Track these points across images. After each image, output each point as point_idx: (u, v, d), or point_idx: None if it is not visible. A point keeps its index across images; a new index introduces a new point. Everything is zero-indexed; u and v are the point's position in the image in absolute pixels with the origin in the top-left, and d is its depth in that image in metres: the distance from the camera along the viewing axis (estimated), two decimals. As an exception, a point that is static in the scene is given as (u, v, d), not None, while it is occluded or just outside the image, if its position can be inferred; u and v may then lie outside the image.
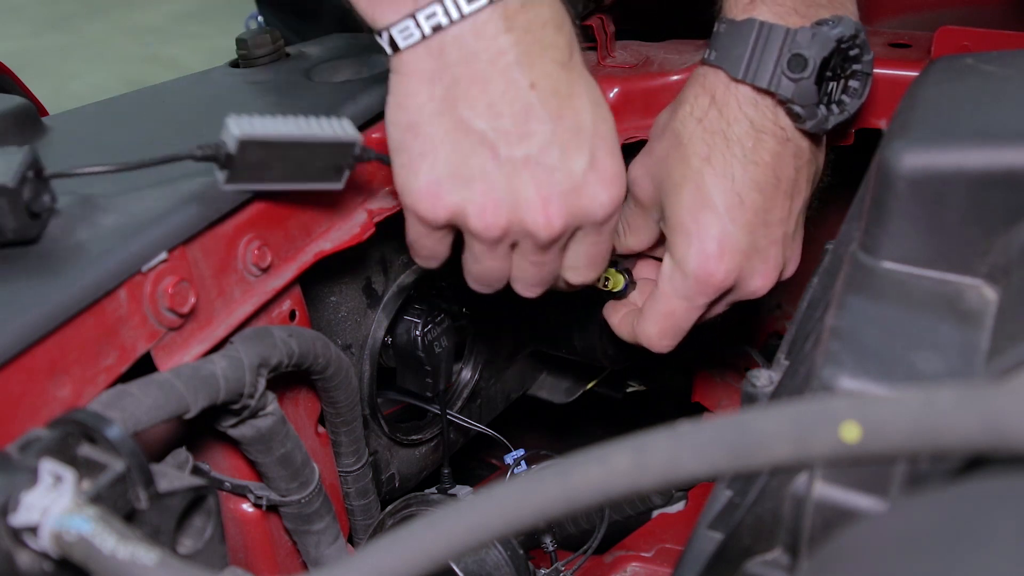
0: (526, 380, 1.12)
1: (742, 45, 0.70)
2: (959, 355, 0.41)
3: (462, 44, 0.61)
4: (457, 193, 0.64)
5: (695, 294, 0.75)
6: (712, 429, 0.32)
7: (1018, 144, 0.45)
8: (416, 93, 0.63)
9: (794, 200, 0.75)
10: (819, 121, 0.71)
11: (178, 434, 0.63)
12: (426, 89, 0.63)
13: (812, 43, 0.68)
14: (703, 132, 0.73)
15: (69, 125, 0.75)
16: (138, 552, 0.39)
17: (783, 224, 0.75)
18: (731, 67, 0.71)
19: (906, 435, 0.30)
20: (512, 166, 0.63)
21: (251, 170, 0.61)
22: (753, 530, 0.45)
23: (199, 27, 4.11)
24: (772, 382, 0.55)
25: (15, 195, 0.53)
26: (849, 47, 0.70)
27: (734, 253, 0.73)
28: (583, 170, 0.64)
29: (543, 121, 0.62)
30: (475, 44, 0.61)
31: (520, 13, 0.61)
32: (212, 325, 0.62)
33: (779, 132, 0.72)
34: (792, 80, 0.69)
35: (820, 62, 0.68)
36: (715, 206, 0.73)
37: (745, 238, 0.73)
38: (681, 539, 0.98)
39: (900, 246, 0.47)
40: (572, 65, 0.64)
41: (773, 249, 0.75)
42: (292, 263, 0.69)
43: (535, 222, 0.64)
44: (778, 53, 0.69)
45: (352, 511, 0.80)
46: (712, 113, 0.73)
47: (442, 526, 0.34)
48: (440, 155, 0.63)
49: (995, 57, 0.58)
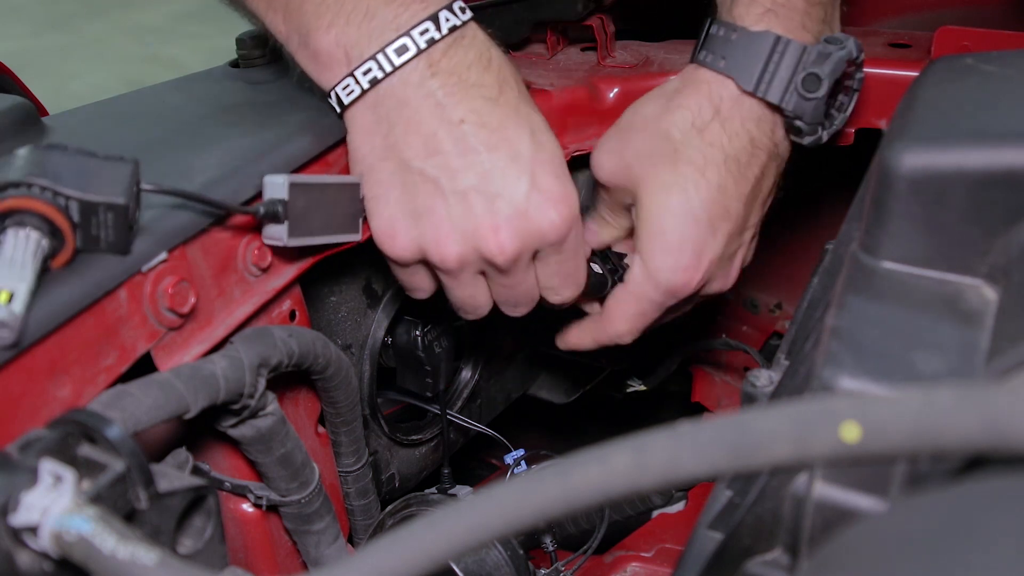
0: (526, 380, 1.12)
1: (756, 57, 0.70)
2: (959, 355, 0.41)
3: (394, 93, 0.66)
4: (411, 230, 0.68)
5: (665, 299, 0.77)
6: (712, 429, 0.32)
7: (1018, 144, 0.45)
8: (363, 144, 0.68)
9: (764, 208, 0.78)
10: (817, 138, 0.72)
11: (178, 434, 0.63)
12: (369, 139, 0.68)
13: (826, 63, 0.69)
14: (702, 143, 0.73)
15: (69, 125, 0.75)
16: (138, 552, 0.39)
17: (753, 229, 0.77)
18: (743, 79, 0.71)
19: (906, 435, 0.30)
20: (457, 198, 0.66)
21: (301, 220, 0.64)
22: (753, 530, 0.45)
23: (199, 27, 4.11)
24: (772, 382, 0.55)
25: (125, 211, 0.53)
26: (854, 67, 0.71)
27: (710, 263, 0.75)
28: (525, 193, 0.67)
29: (478, 152, 0.66)
30: (404, 91, 0.66)
31: (444, 59, 0.66)
32: (212, 325, 0.62)
33: (772, 148, 0.73)
34: (805, 99, 0.69)
35: (834, 82, 0.69)
36: (701, 219, 0.73)
37: (722, 249, 0.75)
38: (681, 539, 0.98)
39: (900, 246, 0.47)
40: (503, 100, 0.67)
41: (739, 254, 0.78)
42: (292, 263, 0.69)
43: (489, 249, 0.67)
44: (792, 70, 0.70)
45: (352, 511, 0.80)
46: (714, 126, 0.73)
47: (442, 526, 0.34)
48: (391, 196, 0.68)
49: (995, 57, 0.58)
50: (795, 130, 0.72)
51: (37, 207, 0.50)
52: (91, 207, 0.52)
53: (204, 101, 0.79)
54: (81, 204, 0.52)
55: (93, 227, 0.52)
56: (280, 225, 0.63)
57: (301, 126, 0.71)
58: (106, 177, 0.53)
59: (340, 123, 0.70)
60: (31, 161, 0.52)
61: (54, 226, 0.51)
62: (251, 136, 0.69)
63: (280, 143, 0.69)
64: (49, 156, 0.53)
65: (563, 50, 0.96)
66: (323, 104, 0.71)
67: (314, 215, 0.66)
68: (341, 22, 0.65)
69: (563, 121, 0.85)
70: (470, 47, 0.67)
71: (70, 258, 0.52)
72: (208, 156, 0.67)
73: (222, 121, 0.73)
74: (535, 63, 0.94)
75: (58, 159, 0.52)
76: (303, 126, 0.71)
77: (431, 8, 0.65)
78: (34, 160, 0.52)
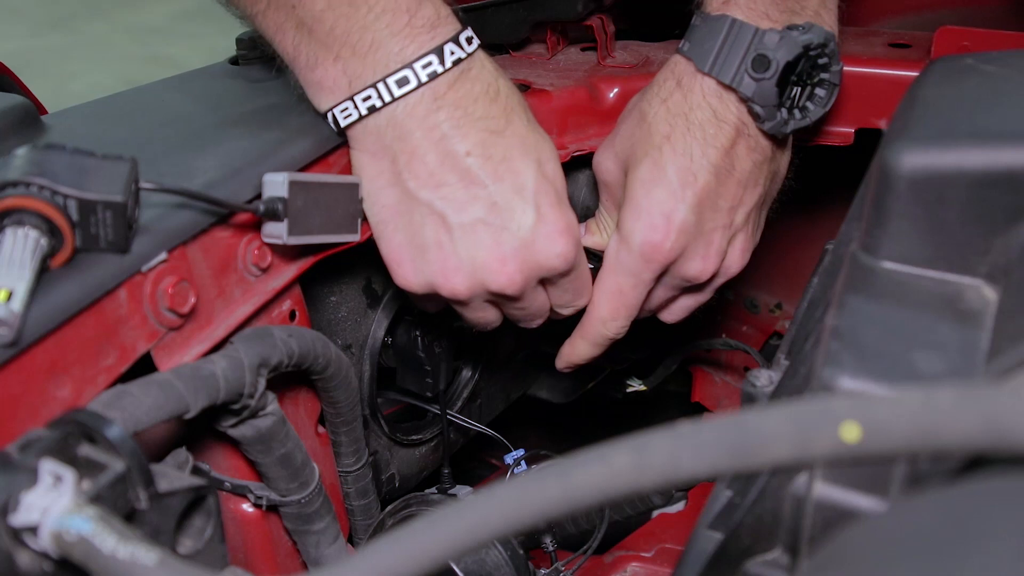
0: (526, 380, 1.12)
1: (712, 40, 0.72)
2: (959, 355, 0.41)
3: (396, 123, 0.66)
4: (418, 262, 0.69)
5: (641, 268, 0.76)
6: (712, 429, 0.32)
7: (1018, 144, 0.45)
8: (367, 166, 0.69)
9: (747, 191, 0.76)
10: (777, 123, 0.72)
11: (178, 434, 0.63)
12: (374, 163, 0.69)
13: (779, 46, 0.69)
14: (667, 113, 0.74)
15: (68, 123, 0.75)
16: (138, 552, 0.39)
17: (731, 212, 0.77)
18: (699, 60, 0.73)
19: (906, 435, 0.30)
20: (463, 231, 0.67)
21: (300, 218, 0.64)
22: (753, 530, 0.45)
23: (199, 27, 4.11)
24: (772, 382, 0.55)
25: (123, 209, 0.53)
26: (818, 55, 0.71)
27: (680, 229, 0.74)
28: (531, 225, 0.68)
29: (484, 185, 0.67)
30: (408, 123, 0.66)
31: (450, 92, 0.66)
32: (212, 325, 0.62)
33: (741, 126, 0.74)
34: (754, 79, 0.70)
35: (784, 65, 0.70)
36: (669, 181, 0.74)
37: (692, 216, 0.75)
38: (681, 539, 0.98)
39: (900, 246, 0.47)
40: (509, 131, 0.68)
41: (717, 234, 0.77)
42: (292, 263, 0.69)
43: (497, 282, 0.68)
44: (744, 51, 0.71)
45: (352, 511, 0.80)
46: (676, 96, 0.74)
47: (442, 526, 0.34)
48: (399, 224, 0.69)
49: (995, 57, 0.58)
50: (753, 114, 0.72)
51: (35, 206, 0.50)
52: (90, 205, 0.52)
53: (204, 100, 0.79)
54: (79, 203, 0.52)
55: (92, 226, 0.52)
56: (280, 223, 0.63)
57: (302, 127, 0.71)
58: (104, 176, 0.53)
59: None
60: (29, 160, 0.52)
61: (53, 225, 0.51)
62: (251, 137, 0.69)
63: (281, 144, 0.69)
64: (47, 155, 0.53)
65: (563, 50, 0.96)
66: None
67: (313, 214, 0.66)
68: (347, 53, 0.65)
69: (563, 121, 0.85)
70: (476, 79, 0.68)
71: (69, 257, 0.52)
72: (208, 156, 0.67)
73: (222, 121, 0.73)
74: (535, 63, 0.94)
75: (56, 158, 0.53)
76: (304, 127, 0.71)
77: (437, 40, 0.66)
78: (32, 159, 0.52)
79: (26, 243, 0.50)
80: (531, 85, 0.86)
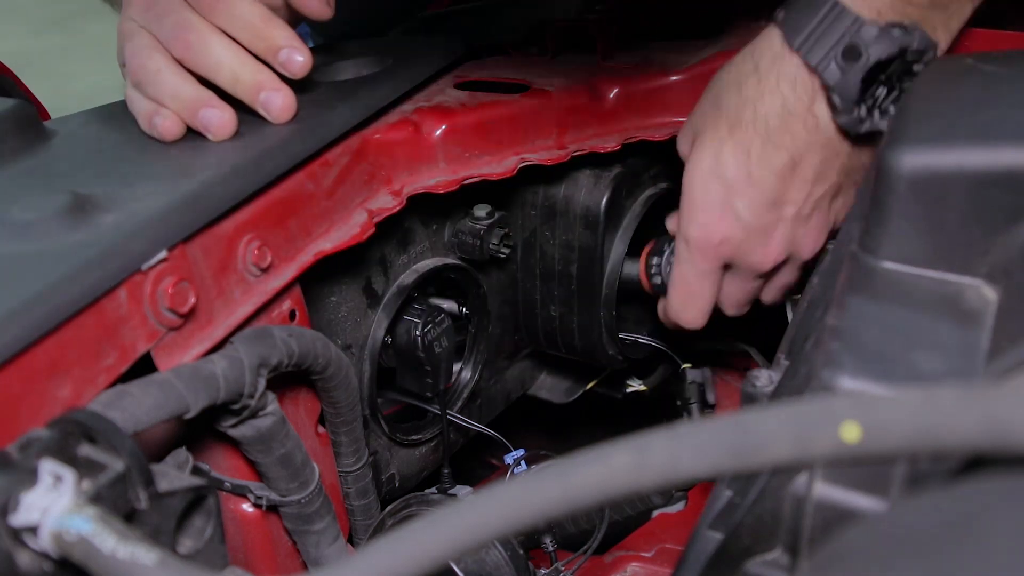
0: (526, 380, 1.12)
1: (809, 16, 0.68)
2: (959, 355, 0.41)
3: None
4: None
5: (698, 259, 0.78)
6: (712, 429, 0.32)
7: (1018, 144, 0.45)
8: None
9: (814, 185, 0.74)
10: (853, 120, 0.69)
11: (178, 434, 0.63)
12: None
13: (876, 40, 0.66)
14: (738, 98, 0.73)
15: (72, 129, 0.75)
16: (138, 552, 0.39)
17: (795, 205, 0.75)
18: (791, 33, 0.69)
19: (906, 435, 0.30)
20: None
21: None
22: (753, 530, 0.45)
23: (199, 27, 4.10)
24: (772, 382, 0.55)
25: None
26: (915, 60, 0.67)
27: (732, 226, 0.75)
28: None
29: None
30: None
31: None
32: (212, 325, 0.62)
33: (810, 120, 0.71)
34: (840, 69, 0.67)
35: (875, 62, 0.66)
36: (725, 177, 0.74)
37: (746, 214, 0.74)
38: (681, 539, 0.98)
39: (900, 246, 0.47)
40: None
41: (779, 229, 0.76)
42: (292, 263, 0.69)
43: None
44: (839, 37, 0.67)
45: (352, 511, 0.80)
46: (752, 80, 0.72)
47: (442, 526, 0.34)
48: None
49: (995, 57, 0.58)
50: (831, 104, 0.69)
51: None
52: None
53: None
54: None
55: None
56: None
57: (302, 127, 0.71)
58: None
59: (337, 121, 0.71)
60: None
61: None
62: (251, 135, 0.70)
63: (282, 143, 0.69)
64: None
65: (563, 50, 0.96)
66: (323, 101, 0.72)
67: None
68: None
69: (563, 121, 0.85)
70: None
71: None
72: (209, 155, 0.67)
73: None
74: (535, 63, 0.94)
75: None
76: (304, 128, 0.71)
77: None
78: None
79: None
80: (531, 85, 0.86)
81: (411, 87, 0.85)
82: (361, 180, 0.76)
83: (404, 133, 0.79)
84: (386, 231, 0.83)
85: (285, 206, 0.68)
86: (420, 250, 0.89)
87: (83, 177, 0.65)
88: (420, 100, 0.84)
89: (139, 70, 0.70)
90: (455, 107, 0.82)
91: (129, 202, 0.60)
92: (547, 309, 0.98)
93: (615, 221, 0.92)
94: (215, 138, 0.69)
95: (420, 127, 0.80)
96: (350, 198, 0.75)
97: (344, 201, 0.74)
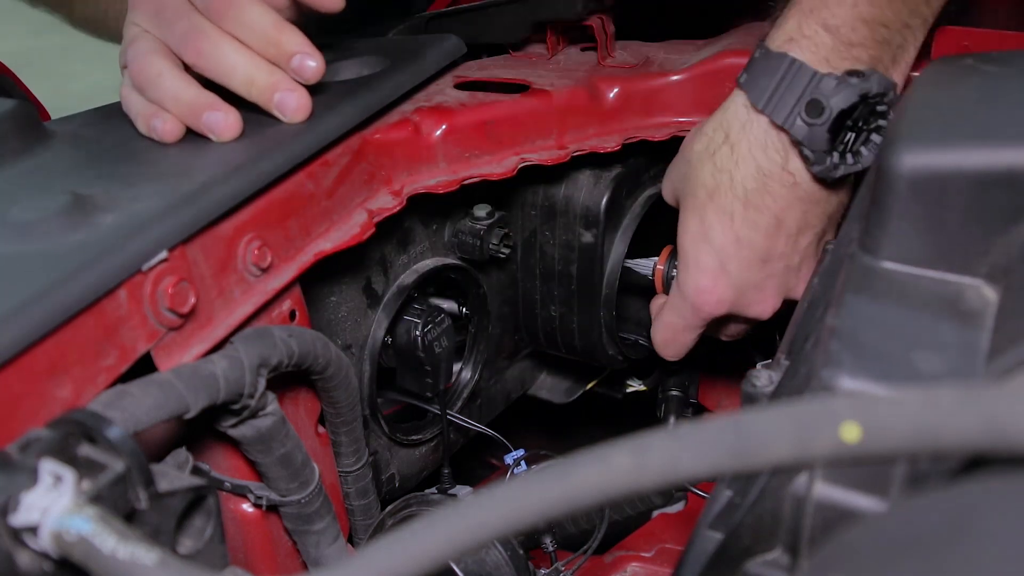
0: (526, 380, 1.12)
1: (769, 77, 0.70)
2: (959, 355, 0.41)
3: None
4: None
5: (690, 316, 0.81)
6: (712, 429, 0.32)
7: (1018, 144, 0.45)
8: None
9: (799, 238, 0.76)
10: (827, 168, 0.70)
11: (178, 434, 0.63)
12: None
13: (835, 92, 0.67)
14: (713, 167, 0.75)
15: (72, 129, 0.75)
16: (138, 552, 0.39)
17: (784, 259, 0.77)
18: (754, 95, 0.71)
19: (906, 435, 0.30)
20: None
21: None
22: (753, 530, 0.45)
23: (199, 27, 4.10)
24: (772, 382, 0.55)
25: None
26: (877, 102, 0.68)
27: (726, 288, 0.77)
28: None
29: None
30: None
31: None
32: (212, 325, 0.62)
33: (786, 177, 0.72)
34: (807, 124, 0.69)
35: (838, 113, 0.68)
36: (713, 242, 0.76)
37: (739, 275, 0.76)
38: (681, 539, 0.98)
39: (900, 246, 0.47)
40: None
41: (771, 282, 0.78)
42: (292, 263, 0.69)
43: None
44: (800, 94, 0.69)
45: (352, 511, 0.80)
46: (724, 150, 0.74)
47: (442, 526, 0.33)
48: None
49: (995, 57, 0.58)
50: (803, 157, 0.71)
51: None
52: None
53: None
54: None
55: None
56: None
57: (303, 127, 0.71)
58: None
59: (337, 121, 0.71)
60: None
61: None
62: (252, 136, 0.70)
63: (282, 144, 0.69)
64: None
65: (563, 50, 0.96)
66: (323, 101, 0.71)
67: None
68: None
69: (563, 121, 0.85)
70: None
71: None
72: (209, 156, 0.67)
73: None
74: (535, 63, 0.94)
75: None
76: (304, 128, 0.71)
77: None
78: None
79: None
80: (531, 85, 0.86)
81: (411, 87, 0.85)
82: (361, 180, 0.76)
83: (404, 133, 0.79)
84: (386, 231, 0.83)
85: (285, 206, 0.68)
86: (420, 250, 0.89)
87: (83, 177, 0.65)
88: (420, 100, 0.84)
89: (140, 73, 0.70)
90: (455, 107, 0.82)
91: (129, 202, 0.60)
92: (547, 309, 0.98)
93: (615, 221, 0.92)
94: (221, 140, 0.69)
95: (420, 127, 0.80)
96: (350, 198, 0.75)
97: (344, 201, 0.74)
